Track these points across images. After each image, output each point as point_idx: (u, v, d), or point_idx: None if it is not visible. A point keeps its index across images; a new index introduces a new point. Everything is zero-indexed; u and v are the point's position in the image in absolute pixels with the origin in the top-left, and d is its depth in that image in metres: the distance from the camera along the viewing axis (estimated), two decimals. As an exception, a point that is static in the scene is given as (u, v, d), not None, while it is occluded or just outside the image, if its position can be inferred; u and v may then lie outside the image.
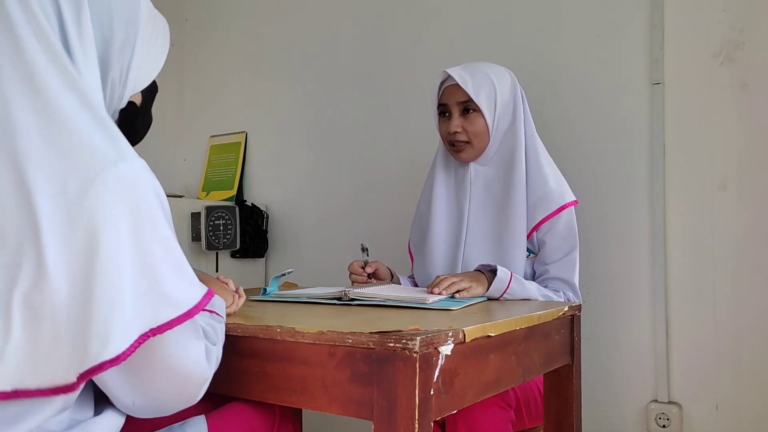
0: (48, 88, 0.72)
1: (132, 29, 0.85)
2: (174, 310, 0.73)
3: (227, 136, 2.66)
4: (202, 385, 0.81)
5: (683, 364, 1.70)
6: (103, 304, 0.67)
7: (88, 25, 0.78)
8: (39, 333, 0.67)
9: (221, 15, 2.72)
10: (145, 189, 0.72)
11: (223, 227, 2.19)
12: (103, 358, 0.67)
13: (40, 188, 0.68)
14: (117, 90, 0.85)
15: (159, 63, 0.92)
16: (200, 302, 0.77)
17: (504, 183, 1.51)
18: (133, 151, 0.77)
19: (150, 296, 0.71)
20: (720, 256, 1.66)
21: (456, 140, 1.51)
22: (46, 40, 0.74)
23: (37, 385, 0.68)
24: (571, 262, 1.48)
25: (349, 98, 2.33)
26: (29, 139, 0.70)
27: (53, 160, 0.70)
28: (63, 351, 0.68)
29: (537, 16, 1.95)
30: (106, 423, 0.78)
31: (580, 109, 1.86)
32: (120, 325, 0.68)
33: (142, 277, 0.71)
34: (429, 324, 0.91)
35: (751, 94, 1.63)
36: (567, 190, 1.51)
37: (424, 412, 0.79)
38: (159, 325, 0.72)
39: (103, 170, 0.70)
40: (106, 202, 0.69)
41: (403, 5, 2.21)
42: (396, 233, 2.05)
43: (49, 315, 0.67)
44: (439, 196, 1.59)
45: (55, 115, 0.71)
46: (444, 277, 1.33)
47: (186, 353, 0.78)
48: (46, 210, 0.67)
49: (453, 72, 1.48)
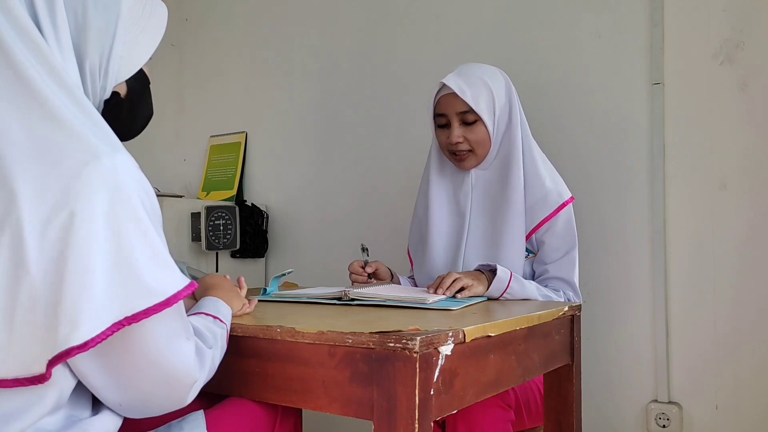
0: (28, 76, 0.72)
1: (111, 16, 0.82)
2: (150, 299, 0.72)
3: (227, 136, 2.66)
4: (190, 387, 0.80)
5: (683, 364, 1.70)
6: (73, 290, 0.67)
7: (62, 10, 0.77)
8: (15, 321, 0.67)
9: (221, 14, 2.72)
10: (125, 182, 0.72)
11: (223, 227, 2.19)
12: (71, 343, 0.67)
13: (22, 178, 0.68)
14: (98, 79, 0.83)
15: (147, 52, 0.90)
16: (179, 292, 0.75)
17: (502, 185, 1.51)
18: (119, 144, 0.76)
19: (125, 285, 0.71)
20: (720, 256, 1.66)
21: (458, 150, 1.49)
22: (22, 28, 0.73)
23: (13, 373, 0.68)
24: (571, 261, 1.48)
25: (349, 98, 2.33)
26: (10, 131, 0.70)
27: (36, 149, 0.70)
28: (37, 338, 0.68)
29: (537, 16, 1.94)
30: (103, 423, 0.77)
31: (580, 109, 1.86)
32: (89, 311, 0.68)
33: (118, 266, 0.70)
34: (429, 324, 0.91)
35: (751, 94, 1.63)
36: (563, 188, 1.51)
37: (424, 412, 0.79)
38: (134, 313, 0.70)
39: (87, 163, 0.70)
40: (85, 192, 0.69)
41: (404, 6, 2.21)
42: (396, 233, 2.05)
43: (26, 303, 0.67)
44: (436, 199, 1.58)
45: (38, 105, 0.71)
46: (445, 275, 1.33)
47: (170, 350, 0.76)
48: (27, 200, 0.67)
49: (449, 82, 1.45)
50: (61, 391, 0.73)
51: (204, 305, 0.95)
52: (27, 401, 0.70)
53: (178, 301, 0.75)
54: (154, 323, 0.73)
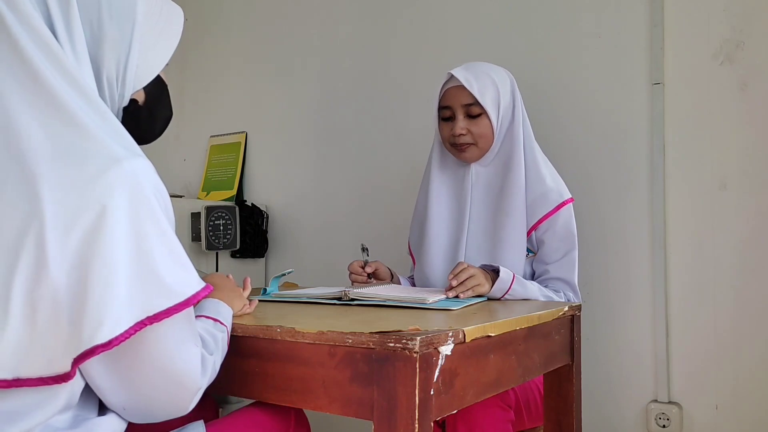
0: (49, 84, 0.72)
1: (127, 26, 0.82)
2: (170, 299, 0.73)
3: (227, 136, 2.66)
4: (195, 393, 0.80)
5: (683, 364, 1.70)
6: (99, 289, 0.68)
7: (78, 23, 0.77)
8: (38, 321, 0.67)
9: (221, 14, 2.72)
10: (145, 185, 0.73)
11: (223, 227, 2.19)
12: (96, 341, 0.68)
13: (45, 179, 0.69)
14: (115, 88, 0.84)
15: (164, 57, 0.90)
16: (197, 293, 0.76)
17: (503, 183, 1.51)
18: (138, 148, 0.77)
19: (147, 284, 0.71)
20: (720, 256, 1.66)
21: (461, 142, 1.50)
22: (39, 37, 0.73)
23: (37, 372, 0.68)
24: (571, 262, 1.48)
25: (349, 98, 2.33)
26: (32, 135, 0.70)
27: (58, 152, 0.70)
28: (61, 338, 0.68)
29: (537, 16, 1.94)
30: (110, 423, 0.78)
31: (580, 109, 1.86)
32: (114, 309, 0.68)
33: (140, 265, 0.71)
34: (429, 324, 0.91)
35: (751, 94, 1.63)
36: (564, 189, 1.52)
37: (424, 412, 0.79)
38: (155, 313, 0.71)
39: (108, 167, 0.71)
40: (108, 194, 0.69)
41: (404, 6, 2.21)
42: (396, 233, 2.05)
43: (48, 303, 0.67)
44: (437, 196, 1.59)
45: (59, 111, 0.72)
46: (465, 267, 1.31)
47: (180, 354, 0.77)
48: (50, 201, 0.68)
49: (457, 73, 1.47)
50: (72, 391, 0.74)
51: (205, 307, 0.95)
52: (41, 399, 0.71)
53: (197, 302, 0.76)
54: (167, 327, 0.74)
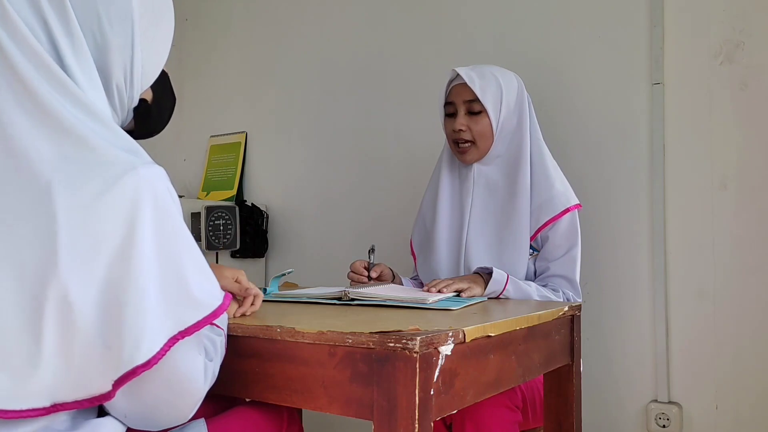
0: (53, 107, 0.71)
1: (126, 28, 0.80)
2: (198, 311, 0.73)
3: (227, 136, 2.66)
4: (197, 402, 0.80)
5: (683, 364, 1.70)
6: (132, 309, 0.67)
7: (80, 37, 0.75)
8: (71, 343, 0.66)
9: (221, 15, 2.72)
10: (163, 193, 0.72)
11: (223, 227, 2.19)
12: (137, 362, 0.67)
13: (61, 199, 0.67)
14: (125, 93, 0.83)
15: (164, 53, 0.89)
16: (223, 304, 0.76)
17: (508, 185, 1.53)
18: (150, 158, 0.77)
19: (177, 298, 0.71)
20: (720, 255, 1.66)
21: (460, 138, 1.52)
22: (37, 58, 0.72)
23: (74, 396, 0.68)
24: (572, 260, 1.49)
25: (349, 98, 2.33)
26: (45, 162, 0.69)
27: (72, 174, 0.69)
28: (96, 359, 0.67)
29: (537, 16, 1.94)
30: (110, 424, 0.77)
31: (580, 109, 1.86)
32: (150, 328, 0.68)
33: (168, 280, 0.71)
34: (429, 324, 0.91)
35: (751, 94, 1.63)
36: (572, 195, 1.53)
37: (424, 412, 0.79)
38: (186, 327, 0.71)
39: (124, 174, 0.69)
40: (128, 205, 0.68)
41: (404, 7, 2.21)
42: (396, 233, 2.05)
43: (81, 334, 0.66)
44: (443, 196, 1.60)
45: (68, 133, 0.70)
46: (440, 280, 1.36)
47: (185, 363, 0.77)
48: (64, 220, 0.66)
49: (461, 70, 1.50)
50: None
51: None
52: None
53: (223, 313, 0.75)
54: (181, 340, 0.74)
